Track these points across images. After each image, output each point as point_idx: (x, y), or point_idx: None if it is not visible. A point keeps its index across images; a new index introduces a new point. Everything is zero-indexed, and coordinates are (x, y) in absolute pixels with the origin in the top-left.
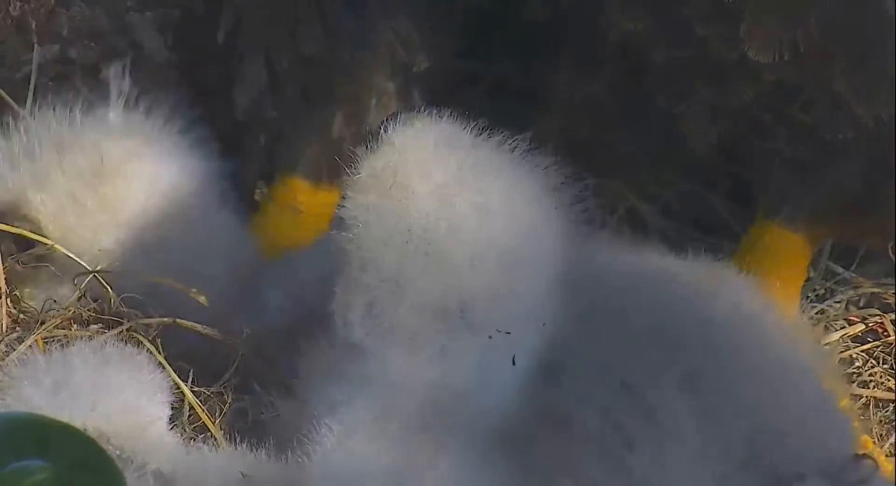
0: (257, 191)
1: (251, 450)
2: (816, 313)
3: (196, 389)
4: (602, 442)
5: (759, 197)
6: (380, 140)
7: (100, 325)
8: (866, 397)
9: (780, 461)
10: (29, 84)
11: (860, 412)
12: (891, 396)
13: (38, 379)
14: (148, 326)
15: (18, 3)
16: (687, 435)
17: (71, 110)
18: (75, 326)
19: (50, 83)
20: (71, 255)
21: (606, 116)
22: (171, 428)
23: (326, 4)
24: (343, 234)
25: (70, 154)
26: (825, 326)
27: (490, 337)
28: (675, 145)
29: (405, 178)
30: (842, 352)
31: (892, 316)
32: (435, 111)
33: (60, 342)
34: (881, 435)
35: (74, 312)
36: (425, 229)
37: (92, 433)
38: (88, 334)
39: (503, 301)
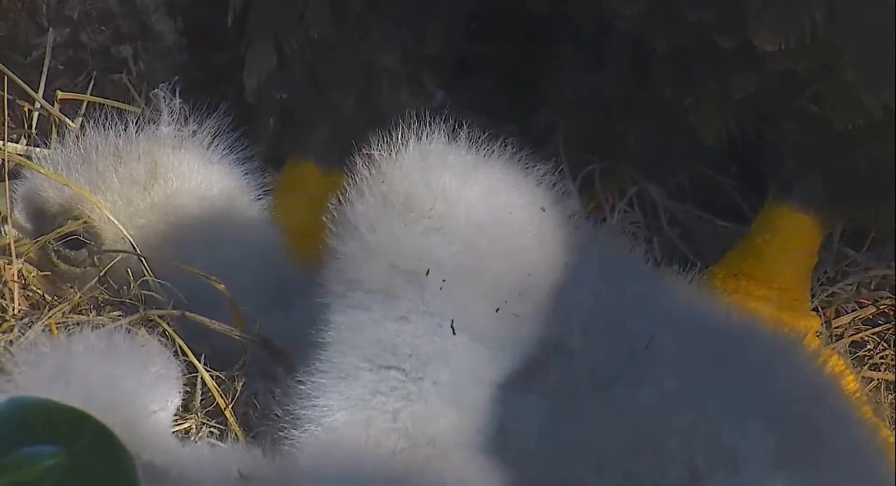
0: (267, 175)
1: (248, 446)
2: (827, 296)
3: (210, 372)
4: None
5: (771, 180)
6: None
7: (120, 312)
8: (877, 379)
9: None
10: (40, 67)
11: (870, 394)
12: None
13: (37, 365)
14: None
15: None
16: None
17: (126, 124)
18: (93, 312)
19: (61, 67)
20: (116, 221)
21: (613, 107)
22: (180, 416)
23: None
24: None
25: (125, 161)
26: (836, 308)
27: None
28: (684, 135)
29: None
30: (853, 335)
31: None
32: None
33: (77, 327)
34: (892, 417)
35: (90, 296)
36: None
37: None
38: (103, 320)
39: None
